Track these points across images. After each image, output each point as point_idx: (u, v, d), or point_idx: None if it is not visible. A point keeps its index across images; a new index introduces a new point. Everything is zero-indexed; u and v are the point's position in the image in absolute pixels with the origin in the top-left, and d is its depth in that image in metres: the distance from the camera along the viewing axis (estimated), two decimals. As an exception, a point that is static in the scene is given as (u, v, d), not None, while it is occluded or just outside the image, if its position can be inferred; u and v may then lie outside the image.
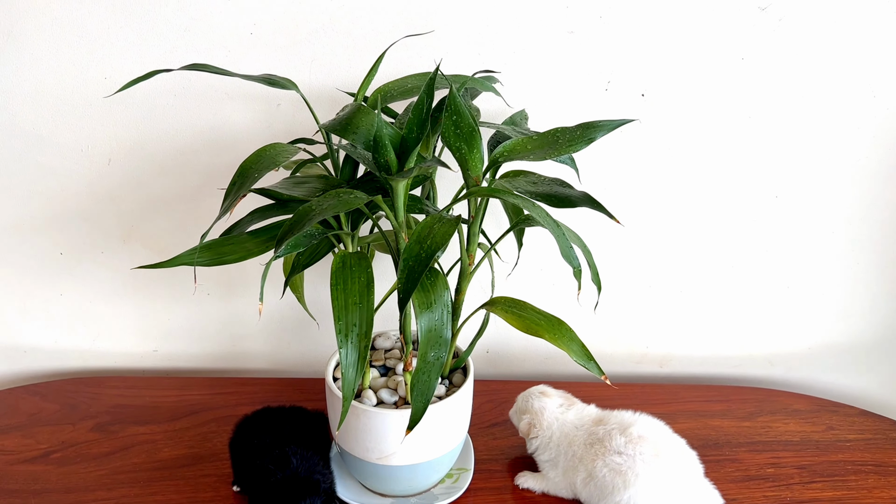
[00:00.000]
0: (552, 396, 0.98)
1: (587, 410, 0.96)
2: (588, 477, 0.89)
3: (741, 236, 1.13)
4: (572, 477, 0.91)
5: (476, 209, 0.83)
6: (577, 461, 0.91)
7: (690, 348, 1.22)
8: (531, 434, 0.96)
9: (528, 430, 0.96)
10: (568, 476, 0.92)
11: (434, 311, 0.72)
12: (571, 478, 0.91)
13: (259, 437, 0.93)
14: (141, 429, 1.06)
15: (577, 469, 0.90)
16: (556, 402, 0.97)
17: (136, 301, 1.18)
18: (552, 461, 0.94)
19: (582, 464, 0.90)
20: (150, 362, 1.23)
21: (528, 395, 0.99)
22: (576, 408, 0.97)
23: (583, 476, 0.90)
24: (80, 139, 1.07)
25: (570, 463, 0.92)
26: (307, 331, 1.20)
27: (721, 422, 1.09)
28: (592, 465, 0.89)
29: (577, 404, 0.98)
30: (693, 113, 1.05)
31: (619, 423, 0.91)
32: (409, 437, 0.85)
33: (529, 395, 0.99)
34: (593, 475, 0.89)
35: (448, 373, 0.94)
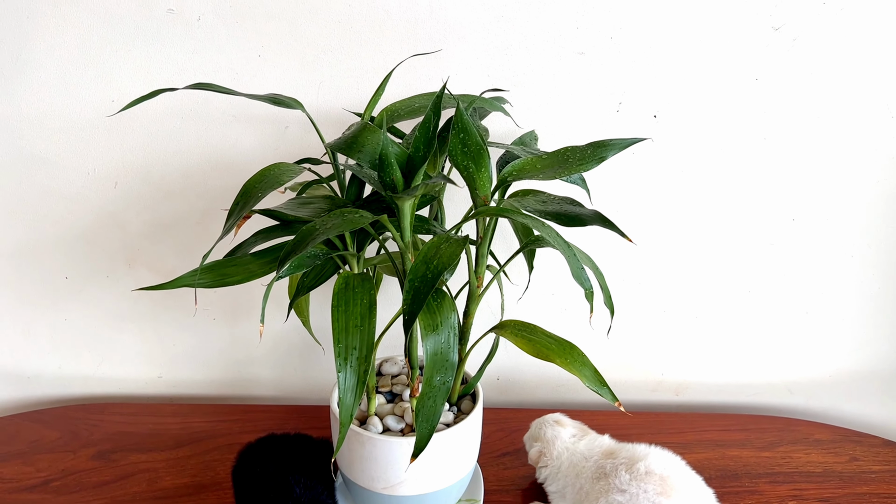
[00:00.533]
0: (566, 426, 0.95)
1: (599, 441, 0.93)
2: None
3: (758, 260, 1.10)
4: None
5: (484, 230, 0.81)
6: (583, 495, 0.87)
7: (707, 376, 1.18)
8: (541, 463, 0.93)
9: (538, 458, 0.93)
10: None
11: (440, 333, 0.70)
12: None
13: (262, 465, 0.90)
14: (142, 457, 1.04)
15: (583, 503, 0.87)
16: (569, 431, 0.94)
17: (141, 326, 1.17)
18: (560, 492, 0.91)
19: (588, 499, 0.86)
20: (154, 389, 1.21)
21: (541, 422, 0.97)
22: (588, 438, 0.94)
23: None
24: (86, 162, 1.07)
25: (578, 496, 0.88)
26: (313, 357, 1.18)
27: (740, 451, 1.06)
28: (596, 501, 0.85)
29: (590, 434, 0.95)
30: (707, 134, 1.03)
31: (629, 457, 0.87)
32: (415, 466, 0.82)
33: (543, 422, 0.97)
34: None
35: (456, 399, 0.91)
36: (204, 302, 1.15)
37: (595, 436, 0.94)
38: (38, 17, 0.99)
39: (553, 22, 0.98)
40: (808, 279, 1.11)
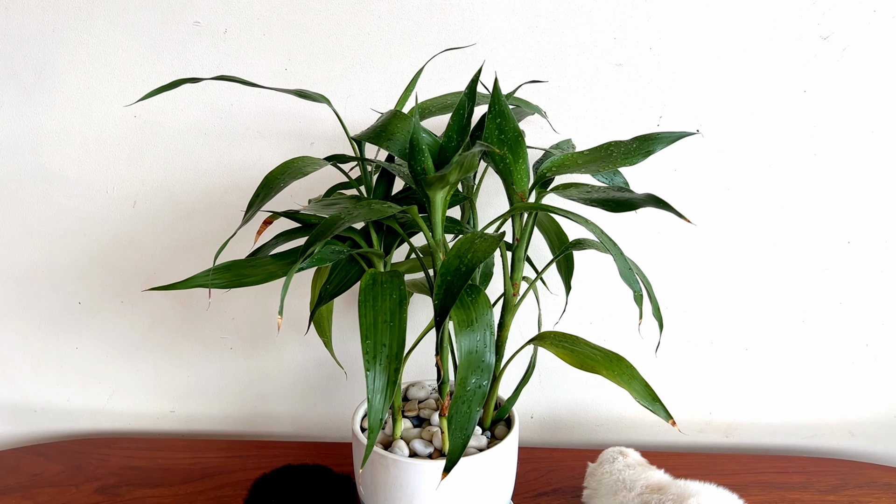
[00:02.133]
0: (627, 456, 0.88)
1: (648, 474, 0.84)
2: None
3: (811, 287, 1.02)
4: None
5: (521, 231, 0.75)
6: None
7: (759, 415, 1.09)
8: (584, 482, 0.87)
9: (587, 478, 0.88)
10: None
11: (476, 330, 0.63)
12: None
13: (277, 497, 0.83)
14: (149, 492, 0.96)
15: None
16: (624, 462, 0.86)
17: (154, 356, 1.11)
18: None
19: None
20: (166, 424, 1.14)
21: (610, 449, 0.90)
22: (638, 469, 0.84)
23: None
24: (105, 181, 1.03)
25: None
26: (336, 391, 1.11)
27: (801, 495, 0.96)
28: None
29: (646, 469, 0.85)
30: (753, 150, 0.97)
31: (678, 493, 0.78)
32: (445, 495, 0.74)
33: (610, 449, 0.90)
34: None
35: (490, 424, 0.84)
36: (222, 330, 1.09)
37: (648, 468, 0.85)
38: (62, 30, 0.97)
39: (589, 32, 0.94)
40: (867, 307, 1.03)
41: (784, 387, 1.07)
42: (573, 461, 1.03)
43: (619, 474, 0.83)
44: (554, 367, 1.08)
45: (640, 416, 1.09)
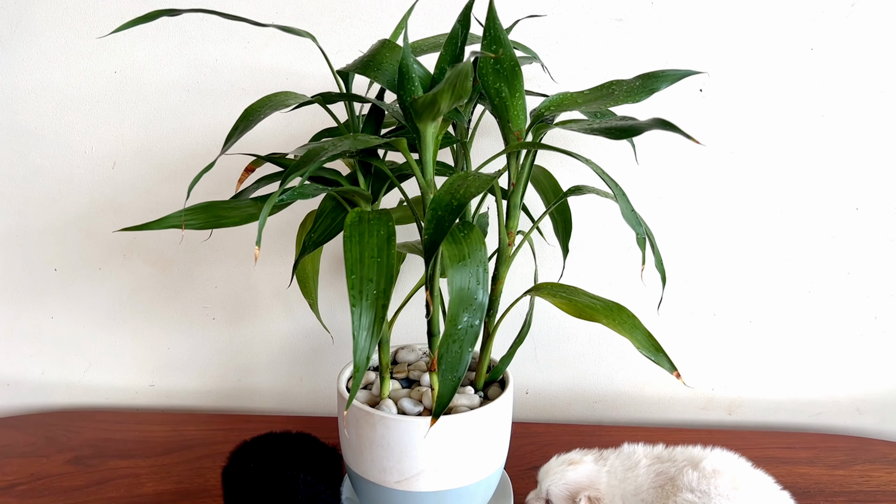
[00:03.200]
0: (585, 459, 0.78)
1: (639, 451, 0.79)
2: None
3: (817, 256, 0.98)
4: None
5: (517, 175, 0.71)
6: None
7: (763, 391, 1.05)
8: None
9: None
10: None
11: (468, 266, 0.59)
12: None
13: (257, 461, 0.78)
14: (123, 462, 0.91)
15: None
16: (594, 463, 0.78)
17: (133, 326, 1.06)
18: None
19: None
20: (145, 399, 1.09)
21: (556, 476, 0.76)
22: (621, 456, 0.78)
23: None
24: (84, 140, 0.99)
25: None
26: (323, 364, 1.06)
27: (809, 469, 0.91)
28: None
29: (616, 452, 0.80)
30: (758, 111, 0.94)
31: (690, 457, 0.75)
32: (434, 455, 0.69)
33: (561, 474, 0.76)
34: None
35: (482, 385, 0.79)
36: (203, 299, 1.04)
37: (624, 450, 0.79)
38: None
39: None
40: (876, 278, 0.99)
41: (789, 361, 1.03)
42: (570, 436, 0.98)
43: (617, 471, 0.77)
44: (550, 341, 1.04)
45: (639, 392, 1.05)
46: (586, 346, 1.04)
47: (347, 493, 0.84)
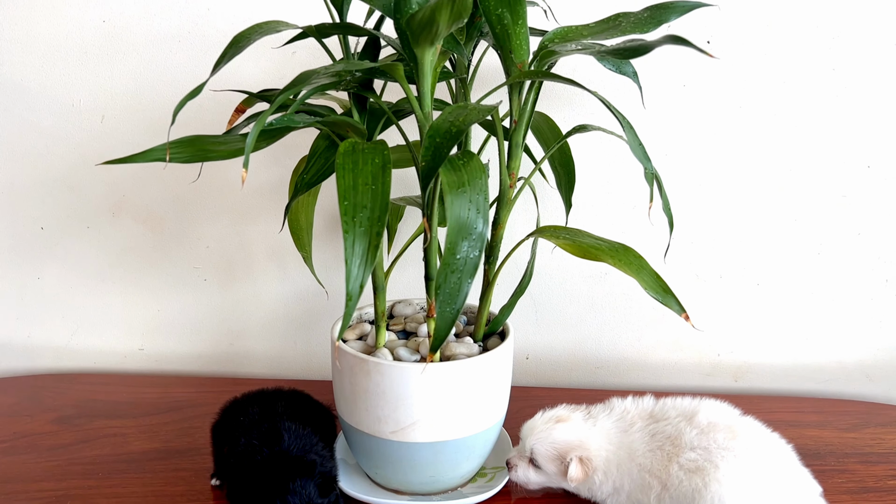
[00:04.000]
0: (573, 416, 0.74)
1: (629, 408, 0.76)
2: (663, 490, 0.69)
3: (827, 216, 0.95)
4: (642, 498, 0.70)
5: (520, 111, 0.68)
6: (645, 475, 0.70)
7: (770, 357, 1.02)
8: (589, 472, 0.71)
9: (585, 470, 0.71)
10: (636, 498, 0.71)
11: (467, 193, 0.56)
12: (641, 499, 0.70)
13: (247, 414, 0.75)
14: (110, 422, 0.88)
15: (649, 485, 0.70)
16: (583, 420, 0.74)
17: (122, 288, 1.03)
18: (616, 490, 0.72)
19: (652, 475, 0.70)
20: (134, 363, 1.06)
21: (542, 434, 0.72)
22: (613, 413, 0.75)
23: (656, 491, 0.69)
24: (72, 92, 0.96)
25: (639, 480, 0.71)
26: (318, 327, 1.03)
27: (819, 432, 0.88)
28: (666, 472, 0.69)
29: (607, 408, 0.77)
30: (767, 63, 0.91)
31: (682, 412, 0.73)
32: (430, 403, 0.66)
33: (548, 433, 0.72)
34: (668, 485, 0.69)
35: (482, 337, 0.76)
36: (195, 259, 1.01)
37: (615, 408, 0.76)
38: (27, -76, 0.90)
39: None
40: (888, 239, 0.96)
41: (797, 326, 1.00)
42: (571, 400, 0.94)
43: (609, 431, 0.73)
44: (552, 304, 1.01)
45: (642, 357, 1.02)
46: (588, 309, 1.01)
47: (341, 455, 0.80)
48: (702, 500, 0.67)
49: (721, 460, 0.68)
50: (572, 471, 0.70)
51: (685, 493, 0.67)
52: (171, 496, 0.74)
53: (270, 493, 0.65)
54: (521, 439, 0.74)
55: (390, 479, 0.72)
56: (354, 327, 0.78)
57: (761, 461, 0.69)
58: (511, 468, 0.73)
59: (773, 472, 0.69)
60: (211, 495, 0.75)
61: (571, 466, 0.70)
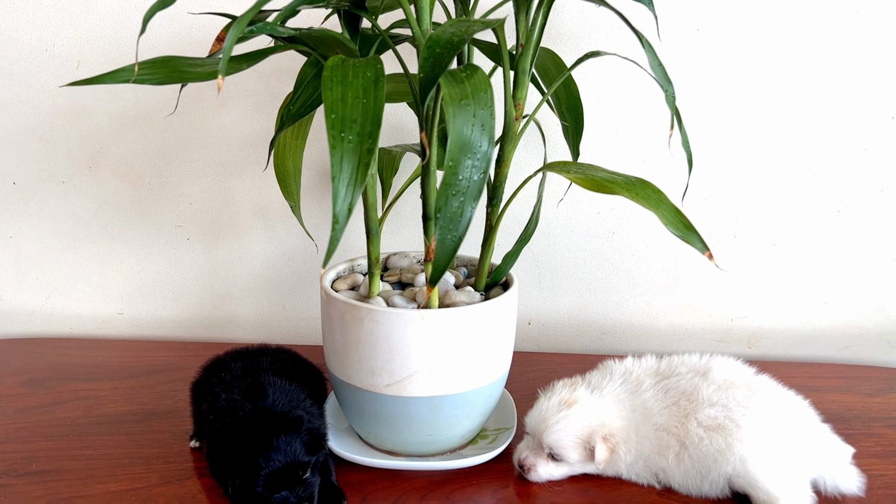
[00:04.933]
0: (579, 394, 0.68)
1: (625, 369, 0.70)
2: (682, 448, 0.64)
3: (848, 170, 0.90)
4: (659, 461, 0.65)
5: (527, 34, 0.62)
6: (662, 434, 0.65)
7: (786, 322, 0.96)
8: (615, 449, 0.65)
9: (611, 448, 0.65)
10: (653, 461, 0.66)
11: (471, 106, 0.50)
12: (658, 462, 0.65)
13: (229, 370, 0.69)
14: (83, 385, 0.83)
15: (667, 444, 0.65)
16: (586, 394, 0.68)
17: (100, 247, 0.97)
18: (636, 458, 0.66)
19: (669, 434, 0.65)
20: (112, 329, 1.00)
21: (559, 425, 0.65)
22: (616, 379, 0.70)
23: (675, 450, 0.64)
24: (45, 36, 0.90)
25: (656, 442, 0.65)
26: (308, 290, 0.97)
27: (843, 397, 0.83)
28: (684, 430, 0.64)
29: (594, 374, 0.71)
30: (787, 6, 0.85)
31: (694, 368, 0.68)
32: (427, 354, 0.61)
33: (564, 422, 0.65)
34: (687, 444, 0.63)
35: (483, 288, 0.71)
36: (177, 217, 0.95)
37: (615, 371, 0.71)
38: None
39: None
40: (912, 195, 0.91)
41: (815, 289, 0.95)
42: (576, 364, 0.89)
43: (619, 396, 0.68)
44: (556, 266, 0.95)
45: (651, 322, 0.97)
46: (595, 271, 0.95)
47: (331, 420, 0.74)
48: (725, 462, 0.62)
49: (742, 418, 0.63)
50: (599, 454, 0.64)
51: (706, 453, 0.63)
52: (146, 458, 0.68)
53: (252, 451, 0.59)
54: (531, 433, 0.67)
55: (384, 438, 0.67)
56: (346, 278, 0.72)
57: (784, 419, 0.64)
58: (528, 470, 0.66)
59: (796, 430, 0.64)
60: (190, 457, 0.69)
61: (598, 450, 0.64)
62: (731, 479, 0.62)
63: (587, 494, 0.65)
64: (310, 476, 0.60)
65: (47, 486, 0.64)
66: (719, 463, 0.62)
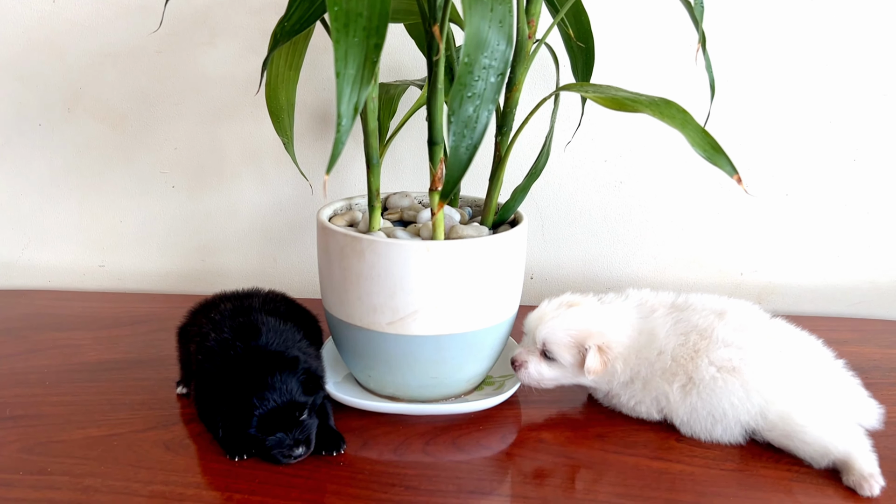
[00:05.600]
0: (585, 300, 0.65)
1: (641, 296, 0.67)
2: (689, 381, 0.60)
3: (866, 116, 0.86)
4: (662, 387, 0.61)
5: (542, -57, 0.57)
6: (668, 360, 0.61)
7: (797, 277, 0.93)
8: (609, 362, 0.62)
9: (604, 360, 0.61)
10: (655, 385, 0.62)
11: (488, 1, 0.45)
12: (661, 386, 0.61)
13: (219, 310, 0.64)
14: (61, 334, 0.78)
15: (672, 372, 0.61)
16: (593, 301, 0.65)
17: (79, 195, 0.92)
18: (633, 378, 0.63)
19: (676, 363, 0.61)
20: (93, 282, 0.95)
21: (555, 321, 0.62)
22: (624, 298, 0.67)
23: (682, 381, 0.61)
24: (18, -34, 0.84)
25: (660, 366, 0.62)
26: (300, 242, 0.93)
27: (860, 348, 0.80)
28: (693, 364, 0.60)
29: (609, 295, 0.67)
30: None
31: (710, 308, 0.64)
32: (436, 289, 0.57)
33: (561, 318, 0.62)
34: (695, 379, 0.60)
35: (491, 226, 0.66)
36: (162, 163, 0.90)
37: (631, 295, 0.67)
38: None
39: None
40: (931, 143, 0.87)
41: (828, 242, 0.91)
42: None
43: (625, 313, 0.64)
44: (560, 218, 0.91)
45: (658, 276, 0.93)
46: (601, 223, 0.91)
47: (328, 370, 0.70)
48: (744, 410, 0.59)
49: (760, 364, 0.59)
50: (590, 361, 0.61)
51: (720, 396, 0.59)
52: (130, 404, 0.64)
53: (245, 390, 0.55)
54: (528, 332, 0.65)
55: (386, 382, 0.62)
56: (343, 215, 0.68)
57: (803, 366, 0.60)
58: (520, 367, 0.63)
59: (817, 377, 0.60)
60: (177, 404, 0.64)
61: (590, 356, 0.61)
62: (761, 432, 0.59)
63: (601, 440, 0.61)
64: (307, 418, 0.56)
65: (21, 431, 0.59)
66: (737, 409, 0.59)
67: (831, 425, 0.57)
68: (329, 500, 0.52)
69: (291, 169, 0.88)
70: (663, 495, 0.54)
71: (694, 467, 0.57)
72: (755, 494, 0.54)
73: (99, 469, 0.55)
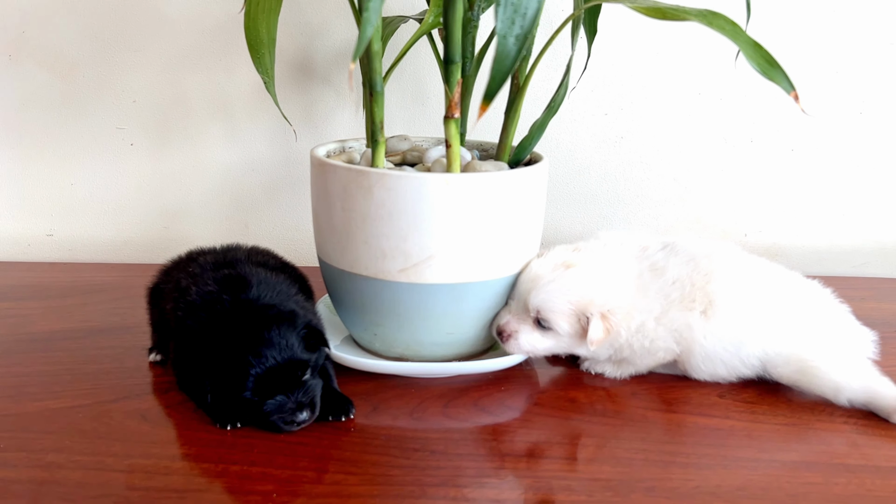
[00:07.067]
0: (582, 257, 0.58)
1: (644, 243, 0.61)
2: (709, 306, 0.55)
3: (874, 67, 0.83)
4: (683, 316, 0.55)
5: None
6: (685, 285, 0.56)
7: (803, 238, 0.89)
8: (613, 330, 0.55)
9: (608, 328, 0.54)
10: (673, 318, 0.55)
11: None
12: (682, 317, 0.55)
13: (197, 264, 0.56)
14: (9, 304, 0.68)
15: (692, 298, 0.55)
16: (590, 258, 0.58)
17: (24, 154, 0.82)
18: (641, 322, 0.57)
19: (694, 287, 0.56)
20: (41, 252, 0.85)
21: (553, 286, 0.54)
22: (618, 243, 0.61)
23: (702, 306, 0.55)
24: None
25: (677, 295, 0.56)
26: (275, 205, 0.85)
27: (871, 304, 0.76)
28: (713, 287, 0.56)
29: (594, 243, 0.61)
30: None
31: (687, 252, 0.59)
32: (453, 231, 0.50)
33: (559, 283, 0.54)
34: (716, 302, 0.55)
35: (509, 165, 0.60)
36: (118, 117, 0.81)
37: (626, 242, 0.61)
38: None
39: None
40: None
41: (834, 201, 0.88)
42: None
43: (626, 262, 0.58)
44: (559, 176, 0.85)
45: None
46: (600, 182, 0.86)
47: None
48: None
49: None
50: (594, 332, 0.54)
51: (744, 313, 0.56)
52: (93, 374, 0.55)
53: (238, 347, 0.47)
54: (517, 296, 0.56)
55: (394, 339, 0.55)
56: (338, 156, 0.60)
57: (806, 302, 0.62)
58: (508, 337, 0.55)
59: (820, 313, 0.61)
60: (149, 373, 0.56)
61: (593, 326, 0.54)
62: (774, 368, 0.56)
63: (636, 398, 0.55)
64: (310, 378, 0.48)
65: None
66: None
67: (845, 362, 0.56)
68: (342, 468, 0.45)
69: (266, 123, 0.81)
70: (719, 452, 0.48)
71: (745, 423, 0.52)
72: (818, 448, 0.49)
73: (62, 443, 0.46)
